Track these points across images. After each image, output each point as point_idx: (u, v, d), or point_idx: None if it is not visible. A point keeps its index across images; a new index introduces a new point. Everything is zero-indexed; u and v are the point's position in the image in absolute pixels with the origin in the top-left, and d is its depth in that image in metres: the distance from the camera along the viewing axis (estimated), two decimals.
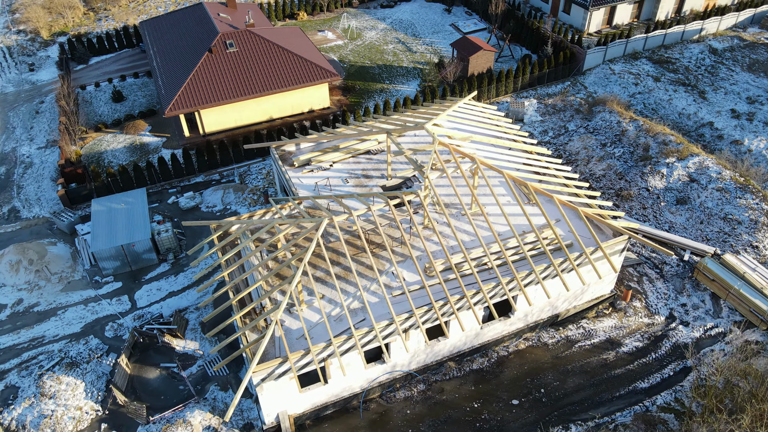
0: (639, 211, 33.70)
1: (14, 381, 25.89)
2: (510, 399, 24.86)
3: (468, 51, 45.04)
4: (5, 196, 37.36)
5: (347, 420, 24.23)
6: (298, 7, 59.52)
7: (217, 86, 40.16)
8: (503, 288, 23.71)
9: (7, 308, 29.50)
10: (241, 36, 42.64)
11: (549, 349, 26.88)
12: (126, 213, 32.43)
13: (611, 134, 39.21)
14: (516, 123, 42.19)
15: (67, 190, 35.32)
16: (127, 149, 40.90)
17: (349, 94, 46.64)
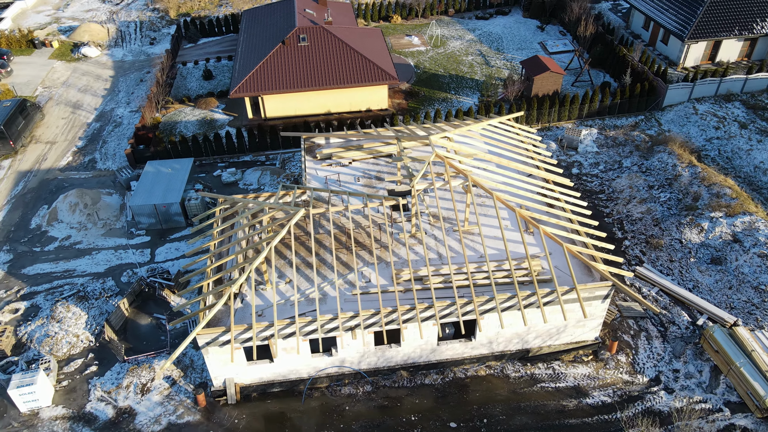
0: (665, 263, 31.02)
1: (39, 302, 30.33)
2: (449, 421, 24.53)
3: (534, 70, 43.79)
4: (91, 147, 43.17)
5: (289, 401, 25.44)
6: (393, 11, 61.18)
7: (282, 76, 43.00)
8: (457, 309, 23.51)
9: (56, 241, 34.41)
10: (314, 32, 45.16)
11: (509, 382, 25.99)
12: (168, 177, 36.19)
13: (663, 177, 36.24)
14: (569, 151, 40.46)
15: (133, 150, 40.07)
16: (198, 122, 45.24)
17: (411, 99, 47.42)
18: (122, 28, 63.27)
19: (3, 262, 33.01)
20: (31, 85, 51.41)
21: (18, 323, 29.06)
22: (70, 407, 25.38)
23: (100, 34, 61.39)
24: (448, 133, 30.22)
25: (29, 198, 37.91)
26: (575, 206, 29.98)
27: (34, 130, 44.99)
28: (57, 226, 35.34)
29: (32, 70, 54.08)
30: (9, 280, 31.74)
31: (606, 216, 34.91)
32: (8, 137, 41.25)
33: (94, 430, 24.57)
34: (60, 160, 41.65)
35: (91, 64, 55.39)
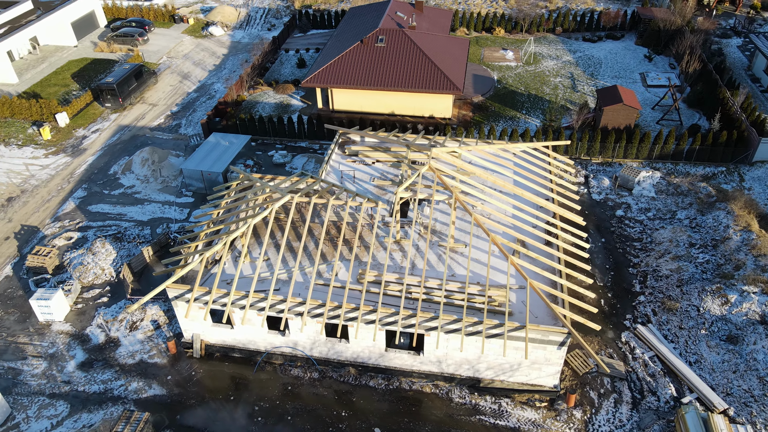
0: (674, 328, 28.03)
1: (89, 236, 35.50)
2: (374, 426, 24.83)
3: (606, 101, 41.08)
4: (182, 113, 48.75)
5: (243, 369, 27.41)
6: (498, 23, 60.37)
7: (354, 72, 45.01)
8: (397, 320, 23.76)
9: (122, 188, 39.78)
10: (394, 34, 46.50)
11: (449, 406, 25.52)
12: (223, 149, 39.97)
13: (710, 237, 32.43)
14: (621, 191, 37.64)
15: (209, 121, 44.65)
16: (276, 105, 48.94)
17: (479, 112, 46.90)
18: (251, 13, 69.67)
19: (78, 197, 38.96)
20: (158, 54, 58.97)
21: (66, 249, 34.36)
22: (74, 326, 29.74)
23: (230, 16, 68.22)
24: (462, 149, 29.99)
25: (118, 148, 44.05)
26: (574, 246, 28.38)
27: (145, 92, 51.78)
28: (127, 176, 40.78)
29: (164, 41, 61.91)
30: (75, 213, 37.48)
31: (631, 266, 32.19)
32: (119, 95, 48.09)
33: (85, 350, 28.59)
34: (154, 121, 47.65)
35: (213, 42, 61.95)
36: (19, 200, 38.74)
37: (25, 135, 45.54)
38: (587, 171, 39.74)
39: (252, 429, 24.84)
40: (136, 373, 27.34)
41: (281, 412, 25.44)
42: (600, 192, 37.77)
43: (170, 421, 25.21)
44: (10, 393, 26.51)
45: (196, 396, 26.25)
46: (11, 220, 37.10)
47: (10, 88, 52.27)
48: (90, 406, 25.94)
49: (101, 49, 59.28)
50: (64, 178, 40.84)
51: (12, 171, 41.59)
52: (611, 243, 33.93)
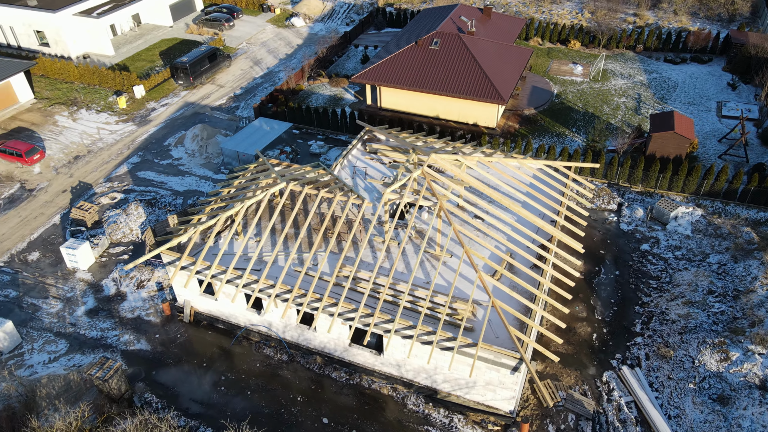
0: (662, 377, 25.95)
1: (129, 198, 38.91)
2: (326, 416, 25.38)
3: (657, 127, 38.33)
4: (243, 96, 51.66)
5: (223, 340, 29.01)
6: (575, 36, 57.88)
7: (404, 72, 45.41)
8: (356, 316, 24.14)
9: (170, 159, 43.10)
10: (449, 38, 46.26)
11: (401, 411, 25.47)
12: (264, 133, 42.07)
13: (733, 287, 29.46)
14: (654, 224, 35.13)
15: (261, 106, 47.06)
16: (329, 97, 50.49)
17: (526, 125, 45.51)
18: (336, 8, 71.92)
19: (132, 162, 42.77)
20: (239, 40, 62.73)
21: (108, 207, 37.96)
22: (94, 277, 32.93)
23: (315, 9, 70.92)
24: (468, 159, 29.56)
25: (178, 123, 47.69)
26: (562, 274, 27.18)
27: (217, 74, 55.42)
28: (178, 149, 44.11)
29: (248, 28, 65.70)
30: (125, 177, 41.21)
31: (639, 304, 30.09)
32: (190, 74, 51.92)
33: (96, 299, 31.62)
34: (217, 101, 50.97)
35: (292, 33, 64.82)
36: (83, 159, 43.25)
37: (105, 102, 50.55)
38: (623, 199, 37.41)
39: (212, 396, 26.34)
40: (130, 327, 29.85)
41: (243, 386, 26.72)
42: (631, 222, 35.46)
43: (145, 375, 27.35)
44: (25, 325, 30.01)
45: (175, 357, 28.22)
46: (72, 175, 41.53)
47: (107, 60, 58.08)
48: (85, 348, 28.75)
49: (192, 31, 64.10)
50: (126, 144, 44.96)
51: (86, 133, 46.43)
52: (625, 277, 31.85)
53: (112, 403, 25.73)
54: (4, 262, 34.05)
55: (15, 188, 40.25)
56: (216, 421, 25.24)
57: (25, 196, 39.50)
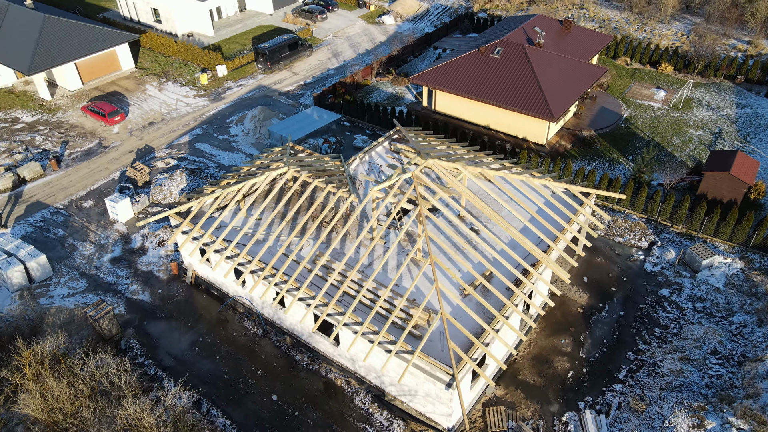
0: (624, 425, 23.88)
1: (180, 165, 42.51)
2: (275, 393, 26.41)
3: (712, 165, 34.71)
4: (313, 85, 53.92)
5: (213, 305, 31.05)
6: (668, 59, 53.49)
7: (460, 78, 45.01)
8: (312, 303, 24.89)
9: (227, 135, 46.29)
10: (512, 48, 45.01)
11: (346, 405, 25.79)
12: (311, 121, 43.86)
13: (743, 351, 26.17)
14: (683, 269, 32.07)
15: (320, 96, 48.97)
16: (390, 95, 51.26)
17: (579, 146, 43.14)
18: (432, 9, 72.33)
19: (194, 133, 46.57)
20: (328, 32, 65.34)
21: (159, 171, 41.81)
22: (128, 230, 36.58)
23: (410, 8, 71.83)
24: (468, 168, 28.99)
25: (246, 103, 50.99)
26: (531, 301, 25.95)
27: (295, 62, 58.32)
28: (237, 127, 47.29)
29: (339, 21, 68.18)
30: (184, 145, 45.01)
31: (634, 351, 27.78)
32: (268, 59, 55.19)
33: (123, 249, 35.14)
34: (287, 87, 53.76)
35: (379, 29, 66.28)
36: (156, 125, 47.83)
37: (191, 77, 55.30)
38: (658, 237, 34.41)
39: (186, 354, 28.42)
40: (140, 279, 32.90)
41: (214, 351, 28.52)
42: (657, 264, 32.60)
43: (138, 324, 30.09)
44: (60, 261, 34.17)
45: (167, 312, 30.73)
46: (142, 139, 46.14)
47: (206, 39, 63.31)
48: (99, 290, 32.20)
49: (287, 20, 67.84)
50: (195, 117, 48.99)
51: (165, 103, 51.21)
52: (629, 320, 29.49)
53: (103, 341, 28.70)
54: (63, 205, 38.86)
55: (93, 143, 45.56)
56: (181, 375, 27.24)
57: (99, 151, 44.61)
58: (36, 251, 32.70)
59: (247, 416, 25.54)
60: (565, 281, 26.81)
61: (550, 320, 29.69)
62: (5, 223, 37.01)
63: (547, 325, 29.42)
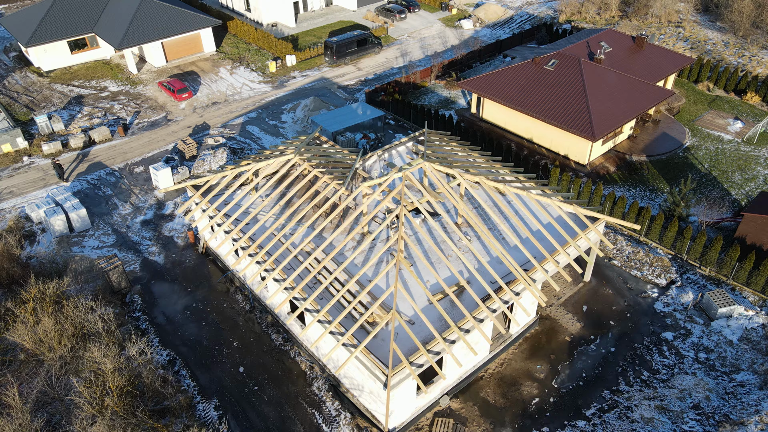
0: None
1: (226, 144, 45.22)
2: (242, 366, 27.67)
3: (756, 207, 31.31)
4: (373, 82, 54.95)
5: (215, 276, 32.99)
6: (758, 88, 48.52)
7: (509, 87, 43.98)
8: (280, 286, 25.88)
9: (278, 122, 48.49)
10: (567, 61, 43.20)
11: (302, 389, 26.46)
12: (352, 116, 44.88)
13: (726, 411, 23.54)
14: (696, 314, 29.43)
15: (372, 92, 49.85)
16: (443, 98, 51.06)
17: (624, 170, 40.57)
18: (516, 17, 70.79)
19: (249, 116, 49.29)
20: (403, 31, 66.07)
21: (206, 148, 44.79)
22: (165, 197, 39.65)
23: (493, 15, 70.77)
24: (463, 176, 28.55)
25: (305, 92, 53.06)
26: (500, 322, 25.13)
27: (363, 58, 59.62)
28: (289, 114, 49.42)
29: (417, 22, 68.65)
30: (235, 126, 47.81)
31: (613, 392, 25.99)
32: (334, 53, 56.96)
33: (155, 214, 38.17)
34: (347, 81, 55.21)
35: (455, 33, 65.95)
36: (217, 106, 51.19)
37: (262, 64, 58.43)
38: (679, 277, 31.71)
39: (176, 316, 30.53)
40: (160, 243, 35.66)
41: (201, 318, 30.38)
42: (670, 304, 30.11)
43: (145, 282, 32.71)
44: (100, 216, 37.84)
45: (173, 276, 33.11)
46: (202, 116, 49.61)
47: (287, 30, 66.45)
48: (123, 247, 35.34)
49: (367, 17, 69.43)
50: (255, 101, 51.81)
51: (232, 86, 54.59)
52: (619, 357, 27.59)
53: (113, 293, 31.58)
54: (118, 167, 42.89)
55: (160, 116, 49.68)
56: (167, 335, 29.36)
57: (162, 124, 48.60)
58: (79, 205, 36.51)
59: (211, 382, 27.06)
60: (541, 303, 25.65)
61: (532, 343, 28.50)
62: (67, 177, 41.55)
63: (529, 347, 28.27)
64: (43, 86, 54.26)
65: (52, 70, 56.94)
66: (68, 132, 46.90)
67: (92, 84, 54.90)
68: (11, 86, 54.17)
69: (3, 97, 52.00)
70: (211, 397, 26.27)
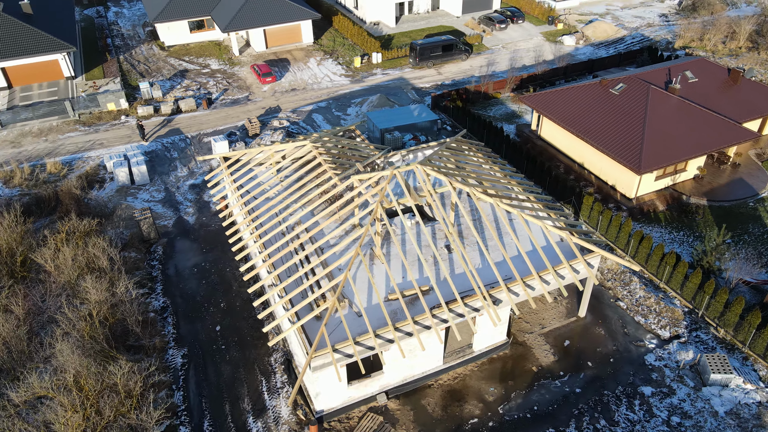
0: None
1: (288, 128, 48.28)
2: (220, 325, 29.99)
3: None
4: (448, 87, 55.20)
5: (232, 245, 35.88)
6: None
7: (567, 107, 42.13)
8: (264, 265, 27.79)
9: (342, 114, 50.69)
10: (636, 86, 40.34)
11: (264, 358, 28.09)
12: (405, 116, 45.71)
13: None
14: (688, 375, 26.58)
15: (436, 96, 50.20)
16: (510, 111, 49.98)
17: (675, 212, 37.04)
18: (628, 37, 66.62)
19: (319, 105, 52.01)
20: (499, 41, 65.14)
21: (269, 129, 48.16)
22: (218, 166, 43.54)
23: (602, 33, 67.22)
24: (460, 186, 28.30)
25: (379, 90, 54.72)
26: None
27: (447, 63, 59.89)
28: (355, 108, 51.41)
29: (517, 34, 67.24)
30: (303, 112, 50.76)
31: (556, 428, 24.49)
32: (417, 55, 57.94)
33: (203, 180, 42.08)
34: (423, 84, 55.95)
35: (552, 48, 63.73)
36: (295, 92, 54.65)
37: (349, 59, 61.08)
38: (687, 332, 28.63)
39: (184, 271, 33.74)
40: (197, 205, 39.34)
41: (204, 276, 33.25)
42: (663, 359, 27.42)
43: (171, 237, 36.44)
44: (160, 174, 42.57)
45: (196, 236, 36.50)
46: (278, 100, 53.33)
47: (387, 29, 68.60)
48: (167, 204, 39.54)
49: (467, 25, 69.40)
50: (329, 92, 54.52)
51: (315, 75, 57.81)
52: (580, 400, 25.82)
53: (142, 241, 35.70)
54: (191, 136, 47.74)
55: (243, 95, 54.23)
56: (170, 285, 32.66)
57: (242, 102, 53.04)
58: (142, 161, 41.48)
59: (188, 333, 29.72)
60: (494, 325, 24.81)
61: (496, 365, 27.59)
62: (147, 138, 47.18)
63: (490, 368, 27.42)
64: (160, 58, 61.61)
65: (172, 45, 64.34)
66: (163, 99, 53.00)
67: (199, 61, 61.23)
68: (136, 56, 62.19)
69: (126, 64, 59.98)
70: (183, 347, 28.92)
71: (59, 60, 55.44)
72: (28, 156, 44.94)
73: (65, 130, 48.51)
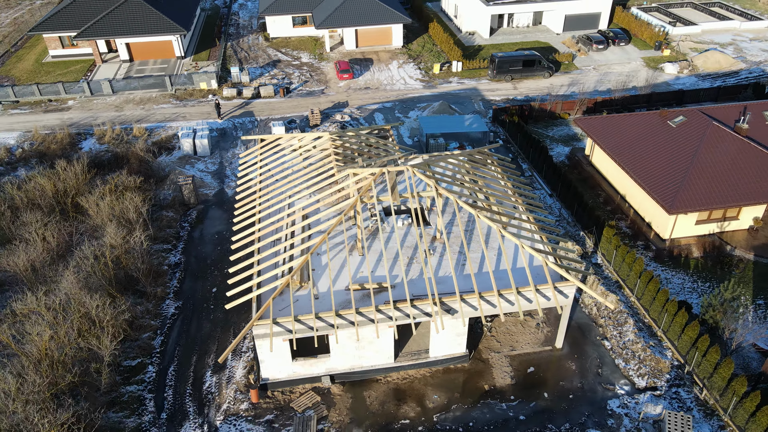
0: None
1: (348, 123, 50.50)
2: (215, 288, 32.86)
3: None
4: (517, 103, 54.20)
5: None
6: None
7: (619, 135, 39.86)
8: (253, 228, 30.21)
9: (403, 115, 51.96)
10: (697, 121, 37.19)
11: (238, 322, 30.43)
12: (454, 125, 45.91)
13: None
14: (651, 431, 24.57)
15: (496, 110, 49.61)
16: (571, 133, 48.02)
17: (710, 260, 33.69)
18: (744, 72, 60.57)
19: (384, 105, 53.65)
20: (592, 62, 62.30)
21: (328, 121, 50.69)
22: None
23: (714, 64, 61.73)
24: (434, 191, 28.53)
25: (449, 97, 55.14)
26: None
27: (527, 78, 58.58)
28: (416, 112, 52.40)
29: (614, 56, 63.78)
30: (367, 110, 52.72)
31: None
32: (495, 69, 57.42)
33: (207, 176, 45.67)
34: (494, 96, 55.39)
35: (648, 75, 59.59)
36: (367, 90, 56.83)
37: (429, 65, 62.02)
38: (665, 386, 26.23)
39: (207, 236, 37.20)
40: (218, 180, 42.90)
41: (220, 243, 36.40)
42: (627, 407, 25.51)
43: (208, 205, 40.19)
44: (221, 149, 46.90)
45: (228, 207, 39.82)
46: (349, 96, 55.88)
47: (480, 40, 68.55)
48: (213, 174, 43.57)
49: (565, 43, 67.15)
50: (399, 95, 55.99)
51: (392, 77, 59.53)
52: (519, 427, 24.93)
53: (182, 204, 39.90)
54: (260, 119, 51.84)
55: (319, 88, 57.57)
56: (191, 246, 36.25)
57: (316, 94, 56.35)
58: (206, 135, 46.04)
59: (188, 289, 32.93)
60: (437, 331, 24.80)
61: (450, 375, 27.43)
62: (222, 116, 52.06)
63: (443, 377, 27.34)
64: (261, 48, 67.18)
65: (276, 37, 69.76)
66: (248, 84, 57.95)
67: (293, 53, 65.82)
68: (241, 44, 68.36)
69: (230, 50, 66.23)
70: (179, 300, 32.19)
71: (173, 41, 62.78)
72: (124, 120, 51.73)
73: (160, 101, 55.02)
